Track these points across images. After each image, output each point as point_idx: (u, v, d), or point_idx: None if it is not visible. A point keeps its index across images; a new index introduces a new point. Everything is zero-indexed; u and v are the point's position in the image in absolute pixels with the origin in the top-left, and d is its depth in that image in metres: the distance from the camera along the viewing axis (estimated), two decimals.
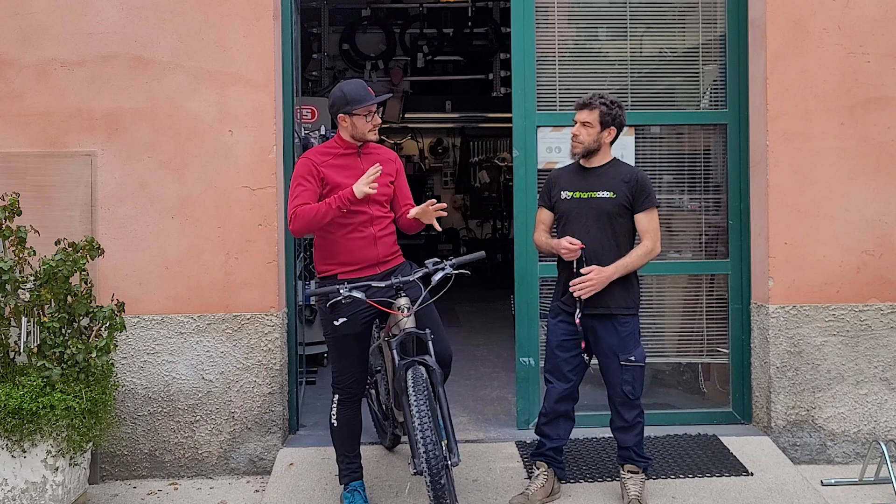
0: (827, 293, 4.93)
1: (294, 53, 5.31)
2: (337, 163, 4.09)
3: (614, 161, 4.21)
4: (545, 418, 4.25)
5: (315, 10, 10.77)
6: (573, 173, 4.22)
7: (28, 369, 4.12)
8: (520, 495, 4.18)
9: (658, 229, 4.14)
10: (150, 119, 4.81)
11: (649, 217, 4.12)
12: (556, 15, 5.26)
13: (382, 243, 4.13)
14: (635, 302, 4.17)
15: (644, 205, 4.11)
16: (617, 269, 4.03)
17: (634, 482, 4.16)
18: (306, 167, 4.07)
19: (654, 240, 4.11)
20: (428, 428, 3.63)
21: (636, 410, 4.12)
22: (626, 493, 4.16)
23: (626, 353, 4.07)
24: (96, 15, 4.80)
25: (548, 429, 4.24)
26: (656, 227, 4.14)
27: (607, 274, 4.00)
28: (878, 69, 4.94)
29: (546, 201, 4.29)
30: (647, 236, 4.11)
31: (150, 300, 4.79)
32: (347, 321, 4.01)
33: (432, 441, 3.61)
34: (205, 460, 4.83)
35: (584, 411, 4.64)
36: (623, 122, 4.16)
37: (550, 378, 4.22)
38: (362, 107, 4.04)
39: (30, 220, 4.37)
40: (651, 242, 4.11)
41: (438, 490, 3.58)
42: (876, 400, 4.93)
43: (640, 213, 4.11)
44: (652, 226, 4.12)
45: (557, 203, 4.20)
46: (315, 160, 4.09)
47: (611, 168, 4.17)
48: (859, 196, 4.94)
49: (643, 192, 4.11)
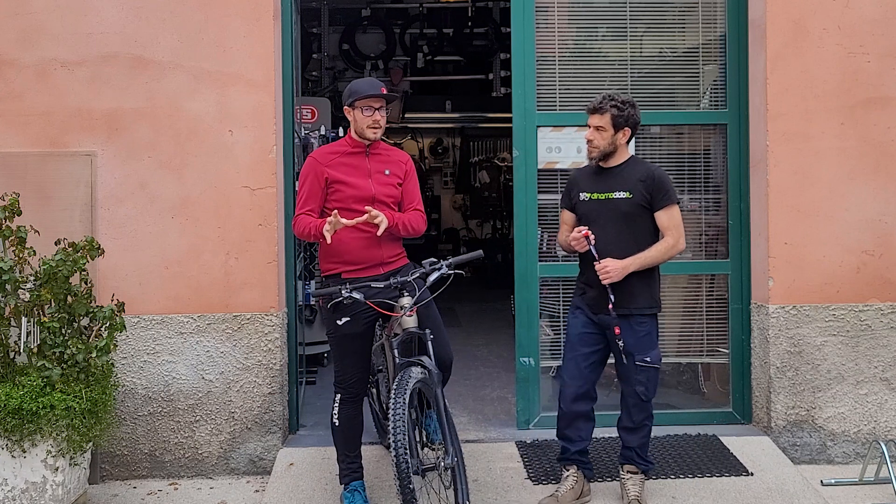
0: (827, 293, 4.93)
1: (294, 53, 5.31)
2: (344, 161, 4.10)
3: (631, 160, 4.17)
4: (564, 421, 4.19)
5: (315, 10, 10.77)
6: (591, 174, 4.20)
7: (28, 369, 4.12)
8: (549, 497, 4.15)
9: (681, 225, 4.10)
10: (150, 119, 4.81)
11: (669, 214, 4.07)
12: (556, 15, 5.26)
13: (387, 244, 4.12)
14: (657, 301, 4.13)
15: (663, 202, 4.06)
16: (634, 261, 3.99)
17: (634, 482, 4.16)
18: (311, 168, 4.09)
19: (677, 236, 4.07)
20: (400, 431, 3.58)
21: (646, 413, 4.10)
22: (625, 494, 4.15)
23: (642, 354, 4.04)
24: (96, 15, 4.80)
25: (569, 431, 4.18)
26: (678, 223, 4.09)
27: (623, 265, 3.97)
28: (878, 69, 4.94)
29: (567, 203, 4.27)
30: (669, 233, 4.07)
31: (150, 300, 4.79)
32: (350, 320, 4.01)
33: (403, 445, 3.57)
34: (205, 460, 4.84)
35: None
36: (637, 120, 4.12)
37: (565, 375, 4.16)
38: (360, 97, 4.04)
39: (30, 220, 4.37)
40: (673, 239, 4.06)
41: (407, 494, 3.55)
42: (876, 400, 4.93)
43: (659, 211, 4.07)
44: (673, 222, 4.07)
45: (577, 205, 4.18)
46: (321, 160, 4.10)
47: (627, 167, 4.13)
48: (859, 196, 4.94)
49: (661, 190, 4.06)
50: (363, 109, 4.06)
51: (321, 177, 4.05)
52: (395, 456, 3.56)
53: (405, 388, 3.70)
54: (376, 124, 4.08)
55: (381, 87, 4.09)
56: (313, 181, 4.06)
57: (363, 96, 4.05)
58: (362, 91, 4.07)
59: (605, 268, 3.97)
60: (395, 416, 3.61)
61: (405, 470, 3.55)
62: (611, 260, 3.98)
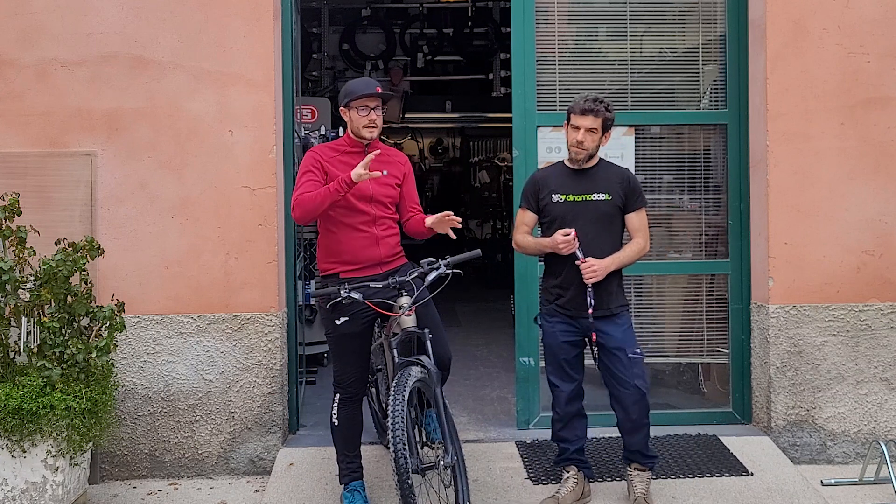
0: (827, 293, 4.93)
1: (294, 53, 5.31)
2: (343, 159, 4.10)
3: (601, 161, 4.19)
4: (560, 423, 4.21)
5: (315, 10, 10.76)
6: (563, 176, 4.17)
7: (28, 369, 4.12)
8: (550, 498, 4.15)
9: (647, 228, 4.20)
10: (150, 119, 4.81)
11: (640, 217, 4.16)
12: (556, 15, 5.26)
13: (385, 244, 4.13)
14: (627, 300, 4.23)
15: (636, 205, 4.14)
16: (613, 261, 4.05)
17: (641, 479, 4.16)
18: (313, 159, 4.10)
19: (646, 238, 4.17)
20: (399, 429, 3.60)
21: (645, 409, 4.10)
22: (632, 491, 4.15)
23: (632, 347, 4.08)
24: (96, 15, 4.80)
25: (565, 433, 4.21)
26: (646, 225, 4.19)
27: (605, 264, 4.01)
28: (878, 69, 4.94)
29: (531, 203, 4.20)
30: (639, 234, 4.15)
31: (150, 300, 4.79)
32: (349, 320, 4.01)
33: (402, 442, 3.58)
34: (205, 460, 4.83)
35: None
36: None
37: (556, 381, 4.19)
38: (355, 98, 4.05)
39: (30, 220, 4.37)
40: (644, 240, 4.15)
41: (405, 490, 3.55)
42: (876, 400, 4.93)
43: (631, 213, 4.14)
44: (643, 225, 4.17)
45: (547, 206, 4.14)
46: (321, 155, 4.11)
47: (601, 169, 4.16)
48: (859, 196, 4.94)
49: (635, 193, 4.14)
50: (359, 109, 4.06)
51: (322, 169, 4.06)
52: (394, 453, 3.57)
53: (404, 386, 3.71)
54: (372, 123, 4.07)
55: (377, 87, 4.09)
56: (315, 170, 4.06)
57: (358, 96, 4.05)
58: (357, 91, 4.07)
59: (591, 266, 3.98)
60: (395, 413, 3.62)
61: (404, 467, 3.55)
62: (594, 259, 4.00)
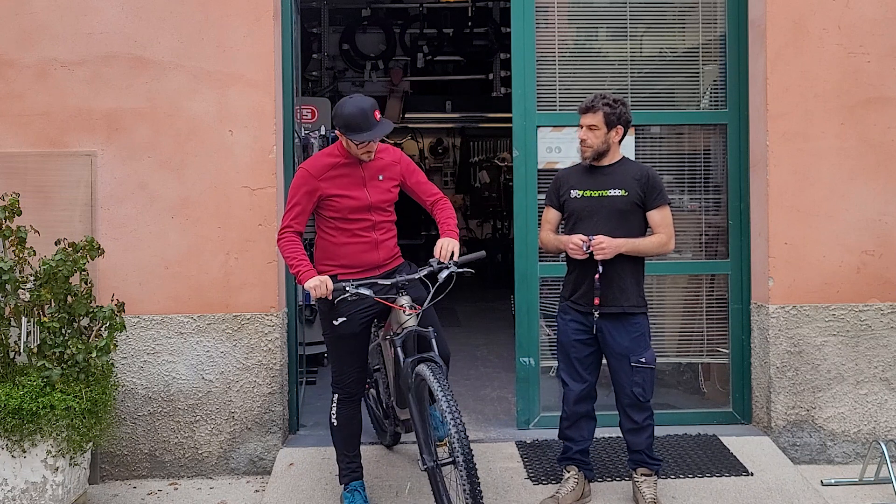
0: (827, 293, 4.93)
1: (294, 53, 5.31)
2: (337, 173, 4.03)
3: (623, 160, 4.19)
4: (567, 422, 4.20)
5: (315, 10, 10.77)
6: (582, 172, 4.20)
7: (28, 369, 4.12)
8: (550, 498, 4.15)
9: (672, 226, 4.13)
10: (150, 119, 4.81)
11: (662, 214, 4.11)
12: (556, 15, 5.26)
13: (384, 247, 4.13)
14: (645, 301, 4.15)
15: (657, 201, 4.10)
16: (626, 243, 4.01)
17: (648, 485, 4.13)
18: (304, 181, 4.01)
19: (670, 234, 4.11)
20: (458, 413, 3.61)
21: (646, 412, 4.09)
22: (640, 497, 4.10)
23: (637, 355, 4.04)
24: (96, 15, 4.80)
25: (571, 432, 4.20)
26: (670, 223, 4.13)
27: (617, 244, 3.98)
28: (878, 69, 4.94)
29: (553, 201, 4.26)
30: (662, 230, 4.10)
31: (150, 300, 4.79)
32: (346, 321, 4.01)
33: (464, 427, 3.59)
34: (205, 460, 4.84)
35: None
36: (629, 118, 4.14)
37: (566, 379, 4.18)
38: (355, 139, 3.93)
39: (30, 220, 4.37)
40: (666, 236, 4.10)
41: (474, 477, 3.54)
42: (876, 400, 4.93)
43: (653, 210, 4.10)
44: (666, 221, 4.11)
45: (567, 202, 4.17)
46: (314, 173, 4.02)
47: (620, 166, 4.15)
48: (859, 196, 4.94)
49: (655, 190, 4.10)
50: (357, 144, 3.97)
51: (314, 193, 4.01)
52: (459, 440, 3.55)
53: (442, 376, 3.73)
54: (369, 150, 4.00)
55: (376, 112, 3.93)
56: (305, 196, 4.01)
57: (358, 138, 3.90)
58: (358, 131, 3.89)
59: (600, 243, 3.96)
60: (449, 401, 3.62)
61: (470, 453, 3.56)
62: (605, 237, 3.99)
